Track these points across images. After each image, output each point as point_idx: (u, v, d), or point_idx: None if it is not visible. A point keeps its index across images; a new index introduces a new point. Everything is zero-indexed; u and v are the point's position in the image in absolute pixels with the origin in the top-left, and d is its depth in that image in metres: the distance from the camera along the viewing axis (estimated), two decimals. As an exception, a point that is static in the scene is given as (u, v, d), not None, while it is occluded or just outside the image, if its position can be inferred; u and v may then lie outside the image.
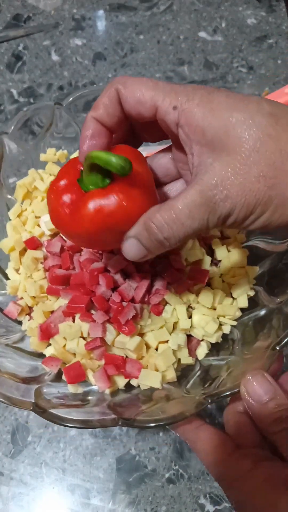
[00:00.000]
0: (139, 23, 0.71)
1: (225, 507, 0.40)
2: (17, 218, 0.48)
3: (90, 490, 0.41)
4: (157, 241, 0.28)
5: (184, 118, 0.26)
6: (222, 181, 0.25)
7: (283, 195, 0.25)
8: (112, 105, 0.29)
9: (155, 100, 0.27)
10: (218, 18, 0.71)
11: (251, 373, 0.31)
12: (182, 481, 0.41)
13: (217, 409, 0.44)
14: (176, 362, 0.39)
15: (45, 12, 0.72)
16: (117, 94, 0.28)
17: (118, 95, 0.28)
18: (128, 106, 0.28)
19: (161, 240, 0.28)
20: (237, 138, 0.25)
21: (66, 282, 0.42)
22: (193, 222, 0.27)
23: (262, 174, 0.25)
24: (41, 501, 0.41)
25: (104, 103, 0.29)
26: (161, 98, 0.27)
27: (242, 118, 0.25)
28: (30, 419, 0.44)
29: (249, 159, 0.25)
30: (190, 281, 0.41)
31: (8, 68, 0.67)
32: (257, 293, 0.42)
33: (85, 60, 0.68)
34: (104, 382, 0.37)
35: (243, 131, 0.25)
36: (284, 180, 0.25)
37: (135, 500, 0.41)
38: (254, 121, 0.25)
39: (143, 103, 0.27)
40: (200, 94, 0.26)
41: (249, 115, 0.25)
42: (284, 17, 0.70)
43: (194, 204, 0.26)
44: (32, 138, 0.50)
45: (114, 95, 0.28)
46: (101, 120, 0.29)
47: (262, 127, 0.25)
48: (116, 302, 0.39)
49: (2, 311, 0.44)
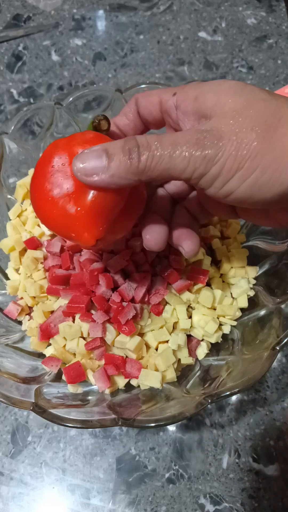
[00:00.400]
0: (139, 23, 0.71)
1: (225, 507, 0.40)
2: (17, 218, 0.48)
3: (90, 490, 0.41)
4: (130, 151, 0.24)
5: (181, 99, 0.29)
6: (215, 126, 0.25)
7: (273, 153, 0.24)
8: (131, 112, 0.33)
9: (160, 95, 0.31)
10: (218, 18, 0.71)
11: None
12: (182, 481, 0.41)
13: (217, 409, 0.44)
14: (176, 362, 0.39)
15: (45, 12, 0.72)
16: (136, 102, 0.33)
17: (136, 102, 0.33)
18: (143, 109, 0.32)
19: (136, 154, 0.24)
20: (230, 101, 0.26)
21: (66, 282, 0.42)
22: (177, 155, 0.24)
23: (255, 127, 0.24)
24: (41, 501, 0.41)
25: (125, 110, 0.34)
26: (165, 92, 0.31)
27: (234, 86, 0.26)
28: (30, 419, 0.44)
29: (242, 115, 0.25)
30: (190, 281, 0.41)
31: (8, 68, 0.67)
32: (257, 293, 0.42)
33: (85, 60, 0.68)
34: (104, 382, 0.37)
35: (235, 95, 0.26)
36: (275, 138, 0.24)
37: (135, 500, 0.41)
38: (246, 87, 0.26)
39: (152, 101, 0.31)
40: (197, 82, 0.29)
41: (241, 85, 0.27)
42: (284, 17, 0.70)
43: (183, 138, 0.24)
44: (32, 138, 0.50)
45: (134, 103, 0.33)
46: (118, 124, 0.34)
47: (254, 92, 0.26)
48: (116, 302, 0.39)
49: (2, 311, 0.44)
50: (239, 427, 0.43)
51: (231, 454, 0.42)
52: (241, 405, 0.44)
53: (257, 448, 0.42)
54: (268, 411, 0.44)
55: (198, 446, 0.42)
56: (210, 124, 0.25)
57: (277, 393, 0.45)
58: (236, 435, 0.43)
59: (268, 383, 0.45)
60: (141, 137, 0.25)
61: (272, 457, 0.42)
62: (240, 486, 0.41)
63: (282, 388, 0.45)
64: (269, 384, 0.45)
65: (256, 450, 0.42)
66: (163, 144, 0.24)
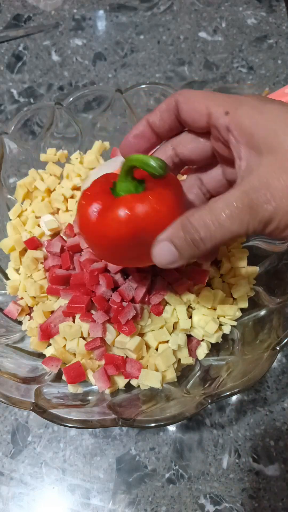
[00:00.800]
0: (139, 23, 0.71)
1: (225, 507, 0.40)
2: (17, 218, 0.48)
3: (90, 490, 0.41)
4: (193, 241, 0.27)
5: (234, 122, 0.27)
6: (266, 183, 0.25)
7: None
8: (168, 113, 0.31)
9: (209, 108, 0.28)
10: (218, 18, 0.71)
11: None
12: (182, 481, 0.41)
13: (217, 409, 0.44)
14: (176, 362, 0.39)
15: (45, 12, 0.72)
16: (175, 103, 0.30)
17: (176, 104, 0.30)
18: (185, 114, 0.30)
19: (197, 240, 0.27)
20: (285, 141, 0.25)
21: (66, 282, 0.42)
22: (232, 224, 0.26)
23: None
24: (41, 501, 0.41)
25: (161, 109, 0.31)
26: (214, 105, 0.28)
27: (283, 115, 0.25)
28: (30, 419, 0.44)
29: None
30: (190, 281, 0.41)
31: (8, 68, 0.67)
32: (257, 293, 0.42)
33: (85, 60, 0.68)
34: (104, 382, 0.37)
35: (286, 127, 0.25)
36: None
37: (135, 500, 0.41)
38: None
39: (199, 111, 0.29)
40: (252, 102, 0.27)
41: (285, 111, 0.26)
42: (284, 17, 0.70)
43: (235, 205, 0.26)
44: (32, 138, 0.50)
45: (172, 104, 0.30)
46: (153, 123, 0.31)
47: None
48: (116, 302, 0.39)
49: (2, 311, 0.44)
50: (239, 427, 0.43)
51: (231, 454, 0.42)
52: (241, 405, 0.44)
53: (257, 448, 0.42)
54: (268, 411, 0.44)
55: (198, 446, 0.42)
56: (262, 175, 0.25)
57: (277, 393, 0.45)
58: (236, 435, 0.43)
59: (268, 383, 0.45)
60: (196, 220, 0.27)
61: (272, 457, 0.42)
62: (240, 486, 0.41)
63: (282, 388, 0.45)
64: (269, 384, 0.45)
65: (256, 450, 0.42)
66: (220, 219, 0.26)
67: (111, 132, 0.53)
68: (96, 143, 0.52)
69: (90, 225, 0.30)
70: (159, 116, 0.31)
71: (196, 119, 0.30)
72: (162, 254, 0.29)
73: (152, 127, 0.32)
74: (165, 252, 0.29)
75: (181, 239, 0.28)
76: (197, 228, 0.27)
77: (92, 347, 0.38)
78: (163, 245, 0.29)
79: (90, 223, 0.30)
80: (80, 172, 0.49)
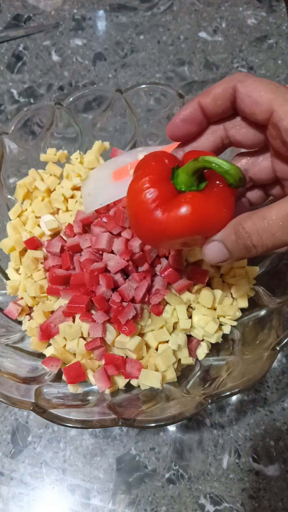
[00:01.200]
0: (140, 23, 0.71)
1: (225, 507, 0.40)
2: (17, 218, 0.48)
3: (90, 490, 0.41)
4: (244, 246, 0.28)
5: None
6: None
7: None
8: (223, 98, 0.29)
9: (272, 104, 0.26)
10: (218, 19, 0.71)
11: None
12: (182, 481, 0.41)
13: (217, 409, 0.44)
14: (176, 362, 0.39)
15: (45, 12, 0.72)
16: (233, 90, 0.28)
17: (233, 91, 0.28)
18: (243, 104, 0.28)
19: (249, 246, 0.28)
20: None
21: (66, 282, 0.42)
22: (284, 235, 0.26)
23: None
24: (41, 501, 0.41)
25: (216, 93, 0.29)
26: (279, 103, 0.26)
27: None
28: (30, 419, 0.44)
29: None
30: (190, 281, 0.41)
31: (8, 68, 0.67)
32: (257, 293, 0.42)
33: (85, 60, 0.68)
34: (104, 382, 0.37)
35: None
36: None
37: (135, 500, 0.41)
38: None
39: (259, 104, 0.27)
40: None
41: None
42: (284, 18, 0.70)
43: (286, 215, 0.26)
44: (32, 138, 0.50)
45: (229, 90, 0.28)
46: (205, 106, 0.29)
47: None
48: (116, 302, 0.39)
49: (2, 311, 0.44)
50: (239, 427, 0.43)
51: (231, 454, 0.42)
52: (241, 405, 0.44)
53: (257, 448, 0.42)
54: (268, 411, 0.44)
55: (198, 446, 0.42)
56: None
57: (277, 393, 0.44)
58: (236, 435, 0.43)
59: (268, 383, 0.45)
60: (249, 226, 0.27)
61: (272, 458, 0.42)
62: (240, 486, 0.41)
63: (282, 388, 0.45)
64: (269, 384, 0.45)
65: (256, 451, 0.42)
66: (272, 229, 0.26)
67: (111, 132, 0.53)
68: (96, 143, 0.52)
69: (144, 210, 0.29)
70: (213, 100, 0.29)
71: (255, 112, 0.27)
72: (214, 253, 0.30)
73: (204, 110, 0.29)
74: (217, 252, 0.30)
75: (233, 243, 0.28)
76: (250, 235, 0.27)
77: (92, 347, 0.38)
78: (215, 244, 0.29)
79: (144, 209, 0.29)
80: (80, 172, 0.49)
